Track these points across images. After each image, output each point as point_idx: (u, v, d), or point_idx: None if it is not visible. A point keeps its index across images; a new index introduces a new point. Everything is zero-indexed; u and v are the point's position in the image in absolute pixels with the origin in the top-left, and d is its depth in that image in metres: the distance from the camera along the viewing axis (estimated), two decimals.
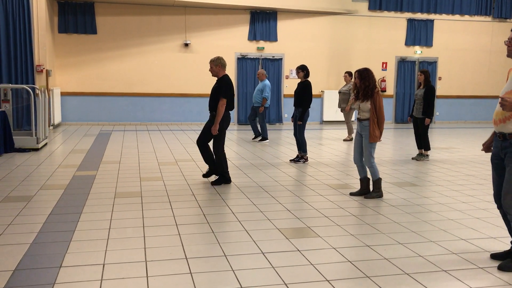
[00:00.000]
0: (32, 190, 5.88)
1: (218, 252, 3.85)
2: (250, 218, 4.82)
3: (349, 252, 3.92)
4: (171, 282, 3.28)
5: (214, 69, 6.28)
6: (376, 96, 5.55)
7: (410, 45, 15.89)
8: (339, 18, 15.19)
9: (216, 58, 6.29)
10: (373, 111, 5.55)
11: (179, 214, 4.94)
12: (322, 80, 15.24)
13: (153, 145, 9.89)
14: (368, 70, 5.66)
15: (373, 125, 5.54)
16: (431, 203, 5.59)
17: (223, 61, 6.30)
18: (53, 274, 3.37)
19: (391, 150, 9.86)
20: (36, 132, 9.08)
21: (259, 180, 6.67)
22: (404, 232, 4.47)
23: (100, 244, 3.99)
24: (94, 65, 13.76)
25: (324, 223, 4.71)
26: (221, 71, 6.30)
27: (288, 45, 14.92)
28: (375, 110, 5.54)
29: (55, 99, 12.64)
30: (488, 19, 16.32)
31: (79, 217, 4.74)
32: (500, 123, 3.54)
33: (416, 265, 3.66)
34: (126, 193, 5.80)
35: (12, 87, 9.56)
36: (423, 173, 7.41)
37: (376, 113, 5.54)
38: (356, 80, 5.66)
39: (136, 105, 14.16)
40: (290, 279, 3.35)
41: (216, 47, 14.26)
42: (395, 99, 16.03)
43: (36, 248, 3.87)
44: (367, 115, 5.60)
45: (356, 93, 5.73)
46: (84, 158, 8.24)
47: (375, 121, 5.55)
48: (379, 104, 5.54)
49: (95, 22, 13.56)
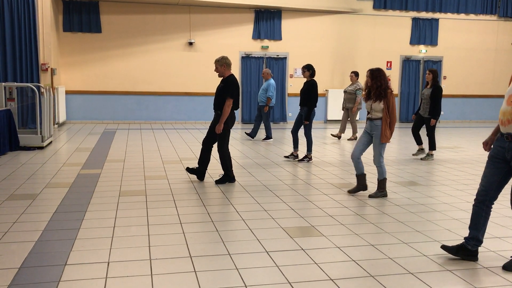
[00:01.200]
0: (37, 188, 5.91)
1: (222, 251, 3.85)
2: (254, 217, 4.82)
3: (353, 251, 3.91)
4: (176, 280, 3.29)
5: (219, 69, 6.26)
6: (390, 96, 5.55)
7: (415, 44, 15.85)
8: (344, 17, 15.16)
9: (221, 58, 6.28)
10: (386, 111, 5.53)
11: (183, 212, 4.95)
12: (327, 79, 15.22)
13: (157, 144, 9.91)
14: (380, 70, 5.65)
15: (385, 125, 5.53)
16: (435, 202, 5.57)
17: (228, 61, 6.29)
18: (58, 271, 3.38)
19: (396, 149, 9.83)
20: (41, 131, 9.11)
21: (263, 179, 6.67)
22: (408, 231, 4.46)
23: (104, 242, 4.01)
24: (99, 63, 13.80)
25: (328, 222, 4.71)
26: (226, 70, 6.29)
27: (292, 44, 14.91)
28: (388, 111, 5.53)
29: (60, 97, 12.68)
30: (493, 18, 16.25)
31: (83, 215, 4.75)
32: (509, 124, 3.48)
33: (420, 264, 3.65)
34: (131, 191, 5.82)
35: (17, 85, 9.60)
36: (428, 173, 7.39)
37: (389, 114, 5.54)
38: (367, 80, 5.66)
39: (141, 103, 14.18)
40: (294, 278, 3.35)
41: (221, 46, 14.27)
42: (399, 98, 15.99)
43: (41, 246, 3.89)
44: (379, 115, 5.58)
45: (367, 93, 5.72)
46: (88, 156, 8.27)
47: (387, 121, 5.54)
48: (392, 104, 5.54)
49: (100, 21, 13.59)
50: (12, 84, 9.45)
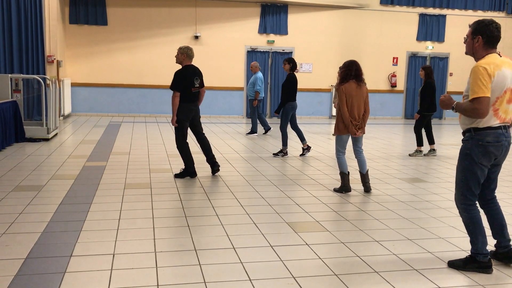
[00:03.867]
0: (43, 179, 5.93)
1: (227, 245, 3.86)
2: (258, 211, 4.83)
3: (358, 247, 3.91)
4: (180, 273, 3.30)
5: (179, 56, 6.23)
6: (340, 92, 5.64)
7: (421, 40, 15.77)
8: (351, 12, 15.09)
9: (184, 47, 6.24)
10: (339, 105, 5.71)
11: (188, 206, 4.97)
12: (332, 75, 15.15)
13: (162, 137, 9.92)
14: (345, 63, 5.85)
15: (338, 117, 5.69)
16: (440, 199, 5.56)
17: (190, 52, 6.22)
18: (63, 263, 3.40)
19: (400, 146, 9.81)
20: (47, 122, 9.14)
21: (268, 174, 6.67)
22: (413, 228, 4.46)
23: (110, 234, 4.02)
24: (105, 56, 13.81)
25: (333, 218, 4.71)
26: (185, 60, 6.24)
27: (298, 39, 14.86)
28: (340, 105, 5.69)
29: (66, 89, 12.71)
30: (501, 15, 16.12)
31: (89, 207, 4.78)
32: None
33: (424, 261, 3.65)
34: (136, 184, 5.84)
35: (23, 77, 9.63)
36: (433, 169, 7.37)
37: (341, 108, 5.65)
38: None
39: (146, 97, 14.20)
40: (298, 273, 3.36)
41: (226, 40, 14.25)
42: (405, 94, 15.93)
43: (47, 237, 3.91)
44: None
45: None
46: (94, 148, 8.29)
47: (339, 114, 5.66)
48: (341, 100, 5.61)
49: (106, 14, 13.59)
50: (18, 75, 9.48)
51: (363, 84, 5.65)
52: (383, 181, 6.43)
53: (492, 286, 3.25)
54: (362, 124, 5.65)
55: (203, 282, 3.17)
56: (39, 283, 3.08)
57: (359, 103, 5.59)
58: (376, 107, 15.30)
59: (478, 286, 3.24)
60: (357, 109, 5.59)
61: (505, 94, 3.26)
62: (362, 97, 5.61)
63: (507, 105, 3.30)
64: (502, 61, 3.27)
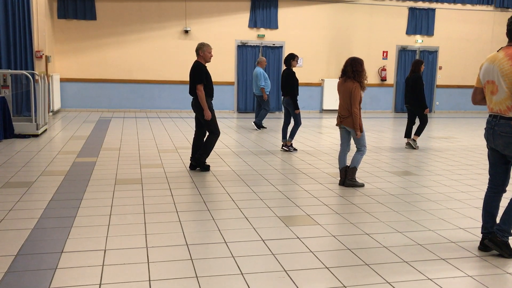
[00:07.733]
0: (33, 176, 5.90)
1: (218, 239, 3.87)
2: (250, 206, 4.84)
3: (349, 240, 3.94)
4: (172, 268, 3.31)
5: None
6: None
7: (411, 34, 15.83)
8: (340, 6, 15.10)
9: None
10: None
11: (179, 201, 4.97)
12: (322, 69, 15.21)
13: (152, 132, 9.89)
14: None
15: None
16: (430, 192, 5.61)
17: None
18: (54, 259, 3.39)
19: (390, 140, 9.87)
20: (36, 118, 9.07)
21: (259, 168, 6.68)
22: (403, 220, 4.50)
23: (101, 230, 4.02)
24: (94, 51, 13.70)
25: (324, 211, 4.74)
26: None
27: (288, 33, 14.85)
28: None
29: (55, 85, 12.60)
30: (489, 9, 16.23)
31: (80, 203, 4.76)
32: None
33: (414, 253, 3.69)
34: (127, 179, 5.82)
35: (11, 72, 9.53)
36: (422, 162, 7.43)
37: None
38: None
39: (136, 92, 14.12)
40: (290, 266, 3.38)
41: (216, 34, 14.20)
42: (395, 88, 16.01)
43: (37, 234, 3.89)
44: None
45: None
46: (84, 144, 8.25)
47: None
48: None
49: (95, 8, 13.47)
50: (6, 71, 9.38)
51: (349, 80, 5.70)
52: (374, 174, 6.48)
53: (481, 277, 3.30)
54: (348, 121, 5.68)
55: (195, 277, 3.18)
56: (30, 280, 3.07)
57: (343, 99, 5.74)
58: (366, 101, 15.36)
59: (467, 277, 3.29)
60: (342, 104, 5.76)
61: (486, 86, 3.64)
62: (346, 93, 5.69)
63: (490, 96, 3.61)
64: (491, 55, 3.58)
